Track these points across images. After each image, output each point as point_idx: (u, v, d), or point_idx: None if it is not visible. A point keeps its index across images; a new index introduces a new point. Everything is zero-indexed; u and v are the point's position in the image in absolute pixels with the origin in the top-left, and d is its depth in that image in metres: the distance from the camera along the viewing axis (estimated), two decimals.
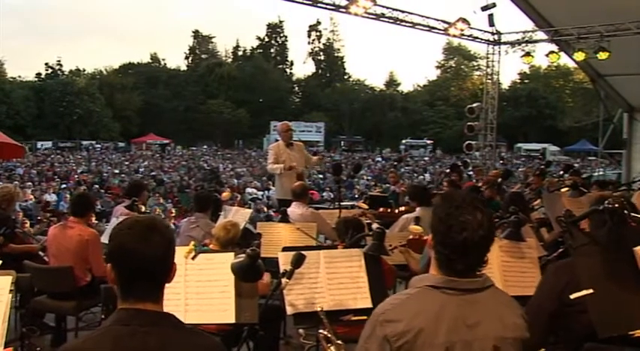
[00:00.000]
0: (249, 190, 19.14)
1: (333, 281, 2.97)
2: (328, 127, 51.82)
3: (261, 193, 19.25)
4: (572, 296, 2.00)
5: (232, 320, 2.76)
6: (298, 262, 2.66)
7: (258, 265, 2.43)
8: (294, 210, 5.72)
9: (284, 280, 2.66)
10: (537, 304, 2.15)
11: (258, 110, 54.95)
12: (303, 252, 2.71)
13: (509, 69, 60.22)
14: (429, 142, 48.47)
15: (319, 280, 2.94)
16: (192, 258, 2.73)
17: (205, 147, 45.23)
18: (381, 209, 6.49)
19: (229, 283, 2.78)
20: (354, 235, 3.65)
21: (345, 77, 62.24)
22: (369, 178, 24.76)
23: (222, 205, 6.72)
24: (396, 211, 6.40)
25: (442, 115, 53.21)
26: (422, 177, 25.24)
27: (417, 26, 11.84)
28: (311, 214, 5.74)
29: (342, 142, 52.07)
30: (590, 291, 1.95)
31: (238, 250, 4.34)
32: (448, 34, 12.67)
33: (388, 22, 11.21)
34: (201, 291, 2.77)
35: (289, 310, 2.84)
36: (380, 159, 38.64)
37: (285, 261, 2.83)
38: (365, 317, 2.98)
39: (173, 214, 13.03)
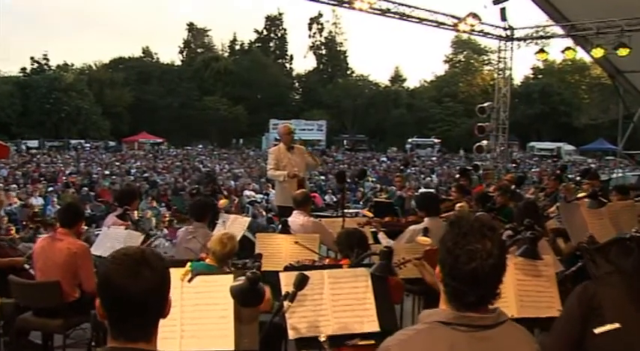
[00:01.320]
0: (247, 192, 19.10)
1: (338, 303, 2.94)
2: (330, 126, 51.87)
3: (260, 196, 19.26)
4: (596, 331, 1.96)
5: (231, 347, 2.73)
6: (301, 283, 2.63)
7: (259, 288, 2.41)
8: (295, 220, 5.72)
9: (286, 303, 2.64)
10: (557, 335, 2.12)
11: (256, 107, 54.95)
12: (306, 272, 2.69)
13: (521, 63, 59.97)
14: (436, 140, 48.46)
15: (323, 302, 2.92)
16: (189, 281, 2.71)
17: (201, 146, 45.24)
18: (387, 218, 6.47)
19: (228, 308, 2.75)
20: (359, 254, 3.62)
21: (348, 72, 62.25)
22: (374, 179, 24.69)
23: (219, 212, 6.73)
24: (403, 220, 6.38)
25: (450, 113, 53.20)
26: (429, 178, 25.17)
27: (424, 22, 11.82)
28: (313, 224, 5.75)
29: (345, 141, 52.10)
30: (616, 325, 1.92)
31: (236, 268, 4.35)
32: (458, 30, 12.65)
33: (394, 17, 11.19)
34: (198, 316, 2.74)
35: (291, 335, 2.82)
36: (385, 159, 38.62)
37: (287, 282, 2.81)
38: (372, 342, 2.98)
39: (167, 218, 13.02)
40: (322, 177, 25.08)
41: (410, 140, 48.49)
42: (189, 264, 2.80)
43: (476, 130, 14.24)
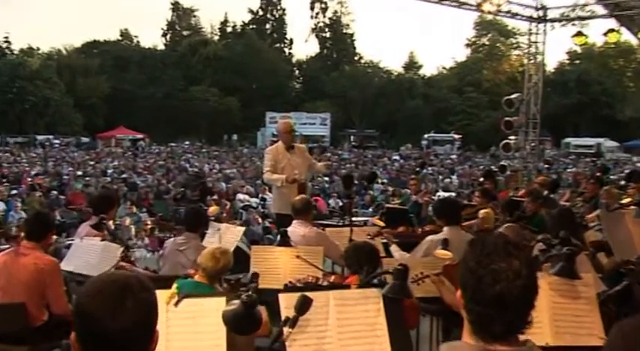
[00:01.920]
0: (240, 196, 19.11)
1: (346, 329, 2.94)
2: (335, 119, 52.00)
3: (255, 200, 19.28)
4: None
5: None
6: (303, 307, 2.63)
7: (255, 313, 2.41)
8: (296, 230, 5.73)
9: (286, 330, 2.64)
10: None
11: (250, 98, 55.06)
12: (309, 294, 2.68)
13: (555, 47, 59.99)
14: (456, 136, 48.51)
15: (329, 327, 2.91)
16: (175, 304, 2.71)
17: (187, 143, 45.36)
18: (401, 228, 6.48)
19: (220, 336, 2.76)
20: (369, 271, 3.62)
21: (356, 58, 62.42)
22: (385, 181, 24.73)
23: (208, 221, 6.76)
24: (419, 230, 6.40)
25: (472, 104, 53.27)
26: (448, 180, 25.17)
27: (443, 2, 11.82)
28: (316, 235, 5.77)
29: (352, 137, 52.19)
30: None
31: (228, 284, 4.36)
32: (482, 11, 12.65)
33: None
34: (186, 345, 2.74)
35: None
36: (398, 157, 38.67)
37: (287, 304, 2.80)
38: None
39: (148, 226, 13.05)
40: (326, 178, 25.13)
41: (426, 136, 48.57)
42: (175, 286, 2.80)
43: (502, 124, 14.22)
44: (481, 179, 9.82)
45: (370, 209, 16.63)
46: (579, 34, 12.82)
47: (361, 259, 4.13)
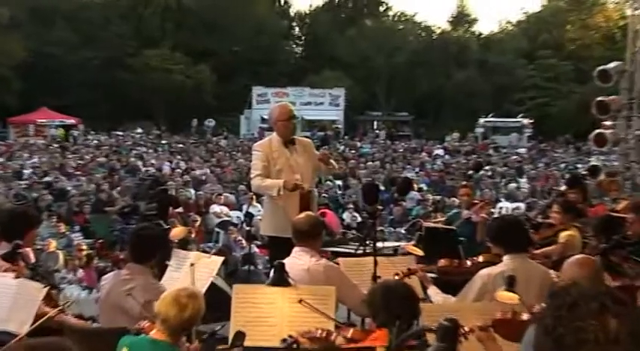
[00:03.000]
0: (215, 208, 19.21)
1: None
2: (352, 97, 52.20)
3: (237, 214, 19.22)
4: None
5: None
6: None
7: None
8: (297, 261, 5.77)
9: None
10: None
11: (230, 68, 55.24)
12: None
13: None
14: (526, 121, 48.49)
15: None
16: None
17: (140, 131, 45.44)
18: (443, 261, 6.45)
19: None
20: (403, 328, 3.62)
21: (381, 10, 62.50)
22: (423, 187, 24.73)
23: (171, 247, 6.76)
24: (469, 264, 6.40)
25: (550, 75, 53.21)
26: (514, 185, 25.14)
27: None
28: (326, 268, 5.79)
29: (376, 123, 52.20)
30: None
31: (200, 340, 4.35)
32: None
33: None
34: None
35: None
36: (441, 152, 38.69)
37: None
38: None
39: (83, 252, 13.08)
40: (338, 182, 25.10)
41: (483, 121, 48.53)
42: (121, 346, 2.79)
43: (594, 106, 14.18)
44: (563, 187, 9.79)
45: (402, 228, 16.60)
46: None
47: (392, 308, 4.14)
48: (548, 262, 6.89)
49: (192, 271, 5.92)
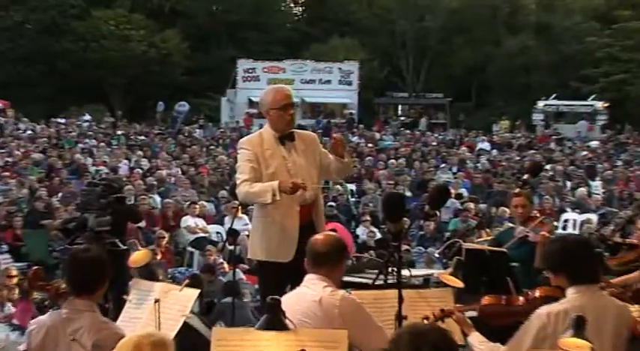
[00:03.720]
0: (188, 220, 19.26)
1: None
2: (368, 74, 52.16)
3: (216, 228, 19.21)
4: None
5: None
6: None
7: None
8: (307, 291, 5.85)
9: None
10: None
11: (206, 34, 55.44)
12: None
13: None
14: (599, 105, 48.42)
15: None
16: None
17: (87, 119, 45.32)
18: (488, 298, 6.46)
19: None
20: None
21: None
22: (463, 192, 24.68)
23: (129, 275, 6.76)
24: (522, 300, 6.39)
25: (631, 44, 52.91)
26: (583, 189, 25.14)
27: None
28: (342, 303, 5.80)
29: (401, 107, 52.12)
30: None
31: None
32: None
33: None
34: None
35: None
36: (487, 146, 38.60)
37: None
38: None
39: (14, 281, 13.05)
40: (351, 186, 25.08)
41: (542, 104, 48.51)
42: None
43: None
44: None
45: (436, 249, 16.54)
46: None
47: None
48: (628, 293, 6.85)
49: (158, 309, 5.92)
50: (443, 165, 30.71)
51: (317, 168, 7.76)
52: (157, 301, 5.93)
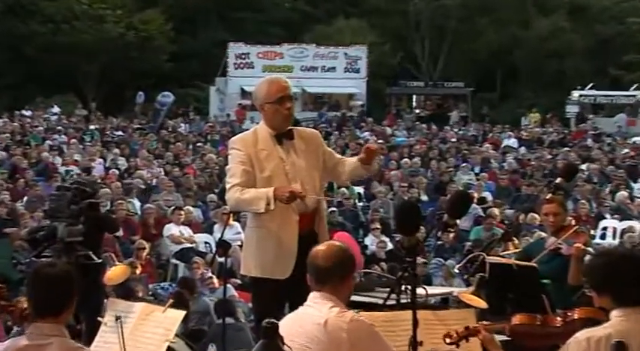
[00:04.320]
0: (172, 229, 19.27)
1: None
2: (378, 59, 52.23)
3: (204, 237, 19.25)
4: None
5: None
6: None
7: None
8: (311, 312, 5.82)
9: None
10: None
11: (193, 15, 55.51)
12: None
13: None
14: None
15: None
16: None
17: (56, 111, 45.39)
18: (520, 317, 6.46)
19: None
20: None
21: None
22: (487, 196, 24.72)
23: (104, 293, 6.77)
24: (559, 321, 6.39)
25: None
26: (624, 193, 25.09)
27: None
28: (351, 326, 5.76)
29: (415, 99, 52.10)
30: None
31: None
32: None
33: None
34: None
35: None
36: (514, 143, 38.56)
37: None
38: None
39: None
40: (358, 189, 25.10)
41: (577, 94, 48.47)
42: None
43: None
44: None
45: (456, 263, 16.48)
46: None
47: None
48: None
49: (137, 332, 5.93)
50: (463, 164, 30.40)
51: (319, 170, 7.75)
52: (118, 318, 5.91)
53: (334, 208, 20.68)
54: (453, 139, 38.68)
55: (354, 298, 7.96)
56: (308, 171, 7.65)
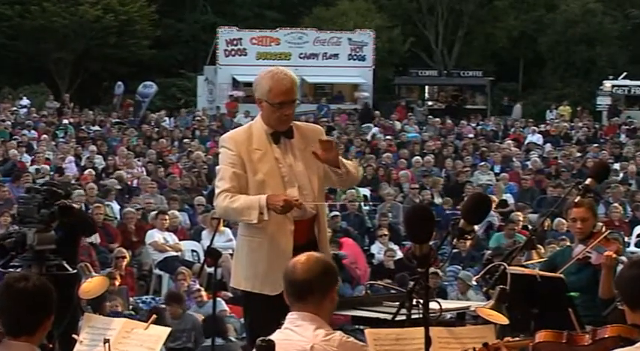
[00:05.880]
0: (155, 235, 19.30)
1: None
2: (387, 46, 52.36)
3: (192, 244, 19.32)
4: None
5: None
6: None
7: None
8: (292, 336, 5.81)
9: None
10: None
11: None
12: None
13: None
14: None
15: None
16: None
17: (25, 103, 45.48)
18: (545, 334, 6.48)
19: None
20: None
21: None
22: (508, 198, 24.78)
23: (79, 305, 6.76)
24: (588, 339, 6.40)
25: None
26: None
27: None
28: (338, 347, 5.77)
29: (427, 90, 52.23)
30: None
31: None
32: None
33: None
34: None
35: None
36: (538, 139, 38.57)
37: None
38: None
39: None
40: (365, 191, 25.14)
41: (609, 84, 48.48)
42: None
43: None
44: None
45: (471, 271, 16.53)
46: None
47: None
48: None
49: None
50: (482, 163, 30.49)
51: (319, 173, 7.70)
52: (106, 341, 5.92)
53: (337, 213, 20.66)
54: (470, 135, 38.74)
55: (359, 313, 7.99)
56: (306, 175, 7.65)
